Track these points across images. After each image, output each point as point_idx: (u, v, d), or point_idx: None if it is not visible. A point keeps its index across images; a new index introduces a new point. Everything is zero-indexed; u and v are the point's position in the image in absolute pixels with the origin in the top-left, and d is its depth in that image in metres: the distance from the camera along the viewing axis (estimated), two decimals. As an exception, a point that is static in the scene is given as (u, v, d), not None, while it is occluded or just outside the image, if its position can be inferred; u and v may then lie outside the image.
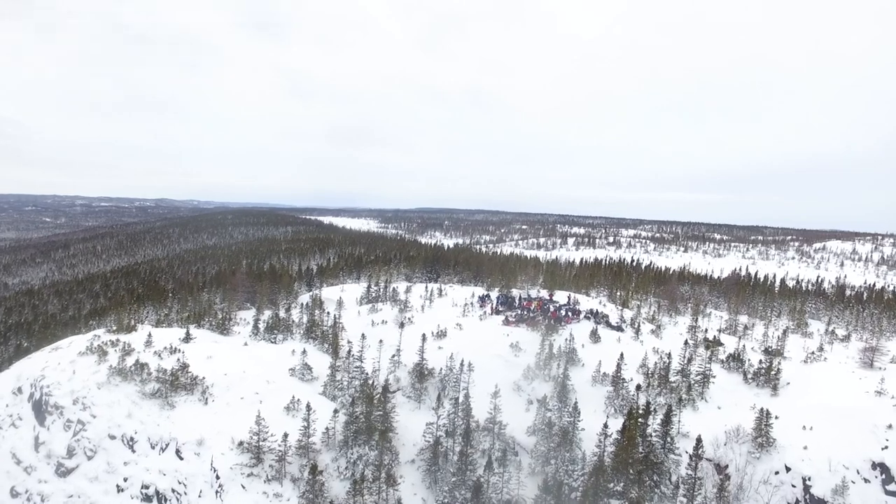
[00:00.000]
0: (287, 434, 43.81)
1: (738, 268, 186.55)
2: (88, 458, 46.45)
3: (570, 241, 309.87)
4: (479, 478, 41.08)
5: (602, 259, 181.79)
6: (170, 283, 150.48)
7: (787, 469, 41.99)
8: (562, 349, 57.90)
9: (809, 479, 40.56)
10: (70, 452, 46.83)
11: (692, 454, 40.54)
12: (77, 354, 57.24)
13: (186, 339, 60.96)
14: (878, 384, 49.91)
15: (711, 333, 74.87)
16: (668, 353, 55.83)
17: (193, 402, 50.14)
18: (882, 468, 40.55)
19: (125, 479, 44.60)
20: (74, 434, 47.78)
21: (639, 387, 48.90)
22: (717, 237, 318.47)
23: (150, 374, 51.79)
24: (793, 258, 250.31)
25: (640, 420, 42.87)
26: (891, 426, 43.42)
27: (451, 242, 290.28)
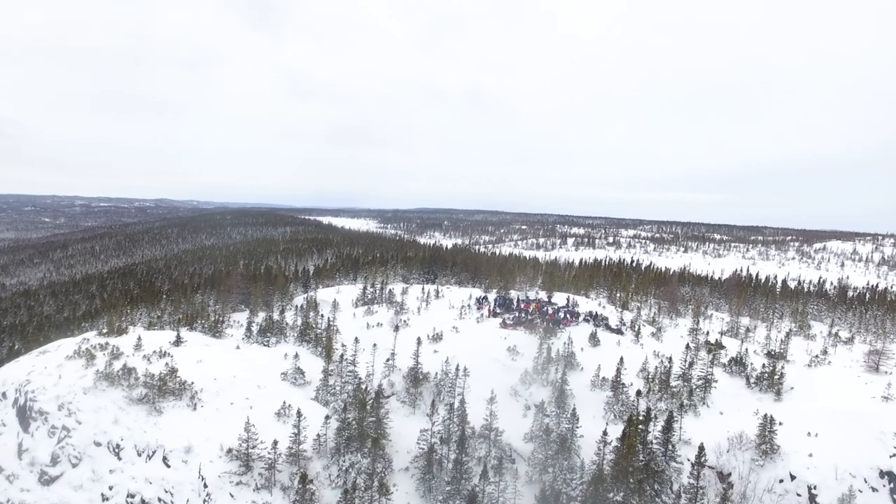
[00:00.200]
0: (277, 441, 42.58)
1: (739, 268, 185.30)
2: (73, 466, 45.12)
3: (570, 242, 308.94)
4: (475, 487, 39.79)
5: (602, 260, 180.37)
6: (166, 284, 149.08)
7: (792, 477, 40.80)
8: (560, 353, 56.56)
9: (815, 488, 39.39)
10: (54, 460, 45.47)
11: (694, 462, 39.36)
12: (64, 358, 55.87)
13: (177, 343, 59.64)
14: (885, 389, 48.63)
15: (713, 336, 73.54)
16: (669, 358, 54.56)
17: (182, 408, 48.80)
18: (890, 476, 39.38)
19: (110, 488, 43.28)
20: (59, 441, 46.43)
21: (639, 392, 47.63)
22: (717, 237, 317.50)
23: (138, 379, 50.42)
24: (793, 258, 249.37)
25: (641, 427, 41.59)
26: (899, 433, 42.19)
27: (451, 243, 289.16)
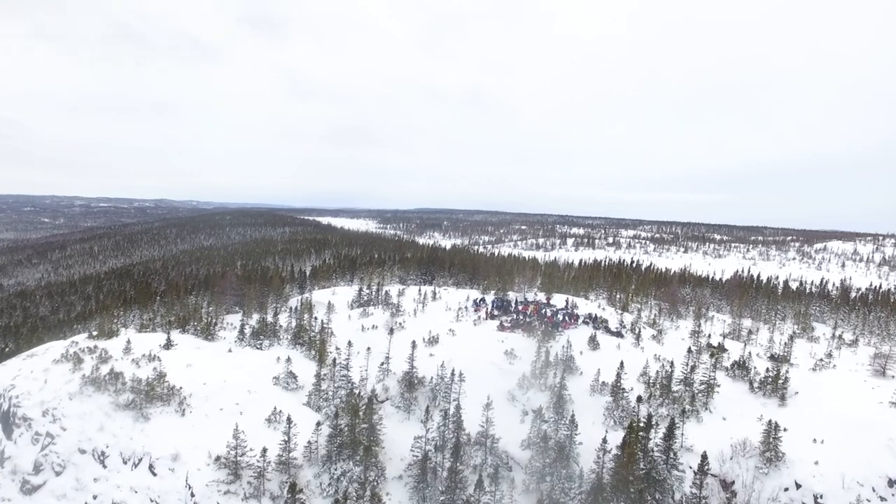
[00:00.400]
0: (266, 449, 41.28)
1: (740, 269, 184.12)
2: (56, 474, 43.80)
3: (570, 242, 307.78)
4: (470, 497, 38.49)
5: (601, 260, 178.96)
6: (162, 285, 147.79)
7: (798, 486, 39.47)
8: (559, 356, 55.19)
9: (821, 497, 38.05)
10: (37, 468, 44.17)
11: (697, 471, 38.17)
12: (52, 362, 54.53)
13: (167, 346, 58.37)
14: (893, 394, 47.21)
15: (714, 338, 72.26)
16: (671, 362, 53.22)
17: (170, 414, 47.50)
18: (899, 486, 38.08)
19: (95, 497, 41.94)
20: (42, 448, 45.13)
21: (640, 398, 46.27)
22: (717, 238, 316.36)
23: (125, 384, 49.08)
24: (793, 259, 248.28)
25: (642, 434, 40.28)
26: (908, 440, 40.89)
27: (450, 243, 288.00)
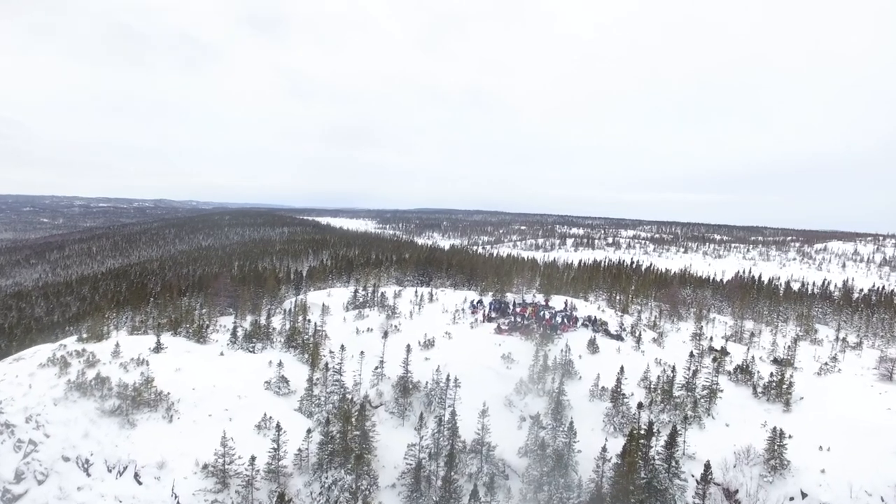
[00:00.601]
0: (255, 457, 39.91)
1: (741, 270, 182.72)
2: (39, 483, 42.38)
3: (569, 242, 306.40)
4: (464, 507, 37.21)
5: (601, 261, 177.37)
6: (157, 286, 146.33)
7: (804, 495, 38.12)
8: (557, 360, 53.84)
9: (828, 508, 36.79)
10: (18, 476, 42.71)
11: (700, 479, 36.92)
12: (38, 366, 53.06)
13: (157, 350, 57.00)
14: (900, 400, 46.06)
15: (716, 341, 70.93)
16: (672, 366, 51.91)
17: (157, 420, 46.10)
18: (909, 495, 36.72)
19: (78, 506, 40.62)
20: (25, 456, 43.66)
21: (640, 404, 44.91)
22: (717, 238, 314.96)
23: (112, 390, 47.67)
24: (794, 259, 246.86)
25: (643, 441, 38.95)
26: (917, 448, 39.58)
27: (449, 243, 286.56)
